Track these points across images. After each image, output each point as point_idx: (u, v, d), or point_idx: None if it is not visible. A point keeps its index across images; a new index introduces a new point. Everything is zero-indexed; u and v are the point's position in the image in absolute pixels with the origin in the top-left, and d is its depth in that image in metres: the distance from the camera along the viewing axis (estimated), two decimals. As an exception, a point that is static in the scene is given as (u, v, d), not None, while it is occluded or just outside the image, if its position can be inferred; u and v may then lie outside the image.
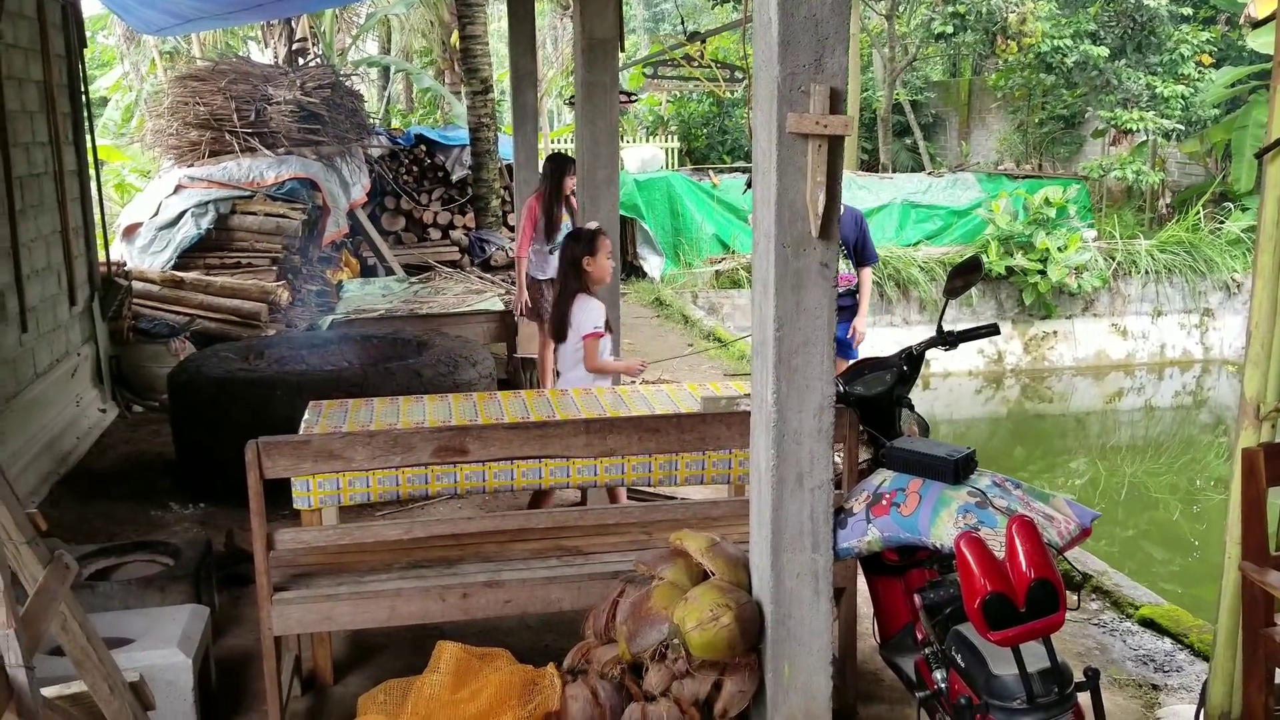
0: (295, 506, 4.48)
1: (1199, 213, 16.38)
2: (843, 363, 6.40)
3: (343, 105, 14.31)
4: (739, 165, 19.22)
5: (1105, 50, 17.15)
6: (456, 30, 16.77)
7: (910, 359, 4.23)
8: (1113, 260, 15.50)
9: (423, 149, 15.47)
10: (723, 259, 15.94)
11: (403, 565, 4.24)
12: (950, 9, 18.29)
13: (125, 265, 11.13)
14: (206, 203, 12.30)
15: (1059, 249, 15.00)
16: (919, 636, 3.58)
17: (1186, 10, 17.48)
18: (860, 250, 7.49)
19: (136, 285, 10.62)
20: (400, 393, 6.08)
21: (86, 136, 9.21)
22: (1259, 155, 3.64)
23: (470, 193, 15.07)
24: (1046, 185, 16.12)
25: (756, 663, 3.48)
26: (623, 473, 4.70)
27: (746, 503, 3.64)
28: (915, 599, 3.39)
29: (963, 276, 4.31)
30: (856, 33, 19.60)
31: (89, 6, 13.21)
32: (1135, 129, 16.77)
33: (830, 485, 3.37)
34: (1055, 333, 15.63)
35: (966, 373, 15.39)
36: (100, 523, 6.62)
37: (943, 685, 3.30)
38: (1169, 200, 17.96)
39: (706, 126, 22.22)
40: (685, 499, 5.98)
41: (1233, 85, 16.93)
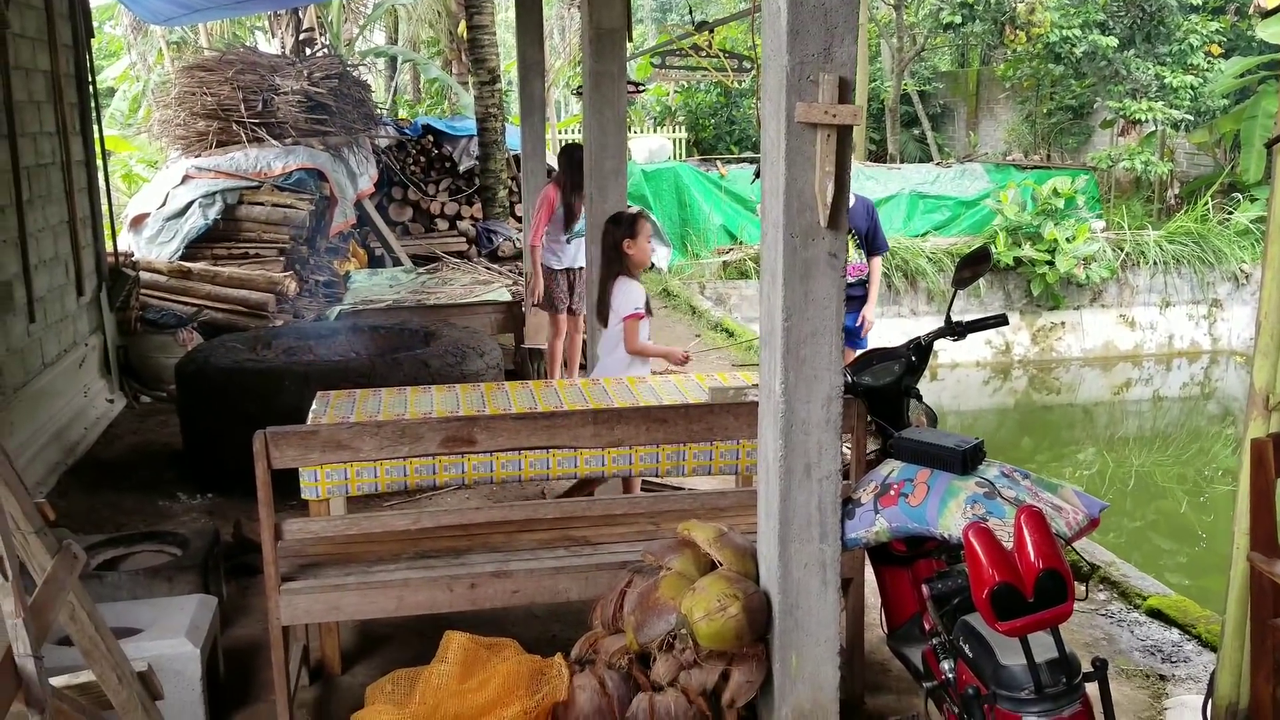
0: (303, 497, 4.48)
1: (1208, 203, 16.34)
2: (851, 352, 6.39)
3: (350, 95, 14.30)
4: (747, 156, 19.20)
5: (1114, 40, 17.09)
6: (464, 20, 16.77)
7: (918, 349, 4.22)
8: (1121, 251, 15.46)
9: (430, 139, 15.46)
10: (730, 249, 15.93)
11: (410, 555, 4.25)
12: (959, -1, 18.29)
13: (133, 256, 11.15)
14: (214, 193, 12.31)
15: (1067, 240, 14.96)
16: (926, 627, 3.58)
17: (1195, 0, 17.42)
18: (871, 239, 7.49)
19: (144, 276, 10.64)
20: (408, 383, 6.09)
21: (94, 127, 9.21)
22: (1268, 145, 3.63)
23: (477, 183, 15.06)
24: (1055, 176, 16.07)
25: (764, 653, 3.48)
26: (630, 463, 4.69)
27: (754, 493, 3.64)
28: (923, 589, 3.39)
29: (971, 267, 4.30)
30: (865, 23, 19.59)
31: (96, -3, 13.21)
32: (1144, 119, 16.73)
33: (838, 476, 3.36)
34: (1063, 323, 15.60)
35: (974, 363, 15.37)
36: (108, 513, 6.63)
37: (950, 676, 3.29)
38: (1177, 191, 17.91)
39: (714, 117, 22.20)
40: (693, 489, 5.99)
41: (1242, 75, 16.88)
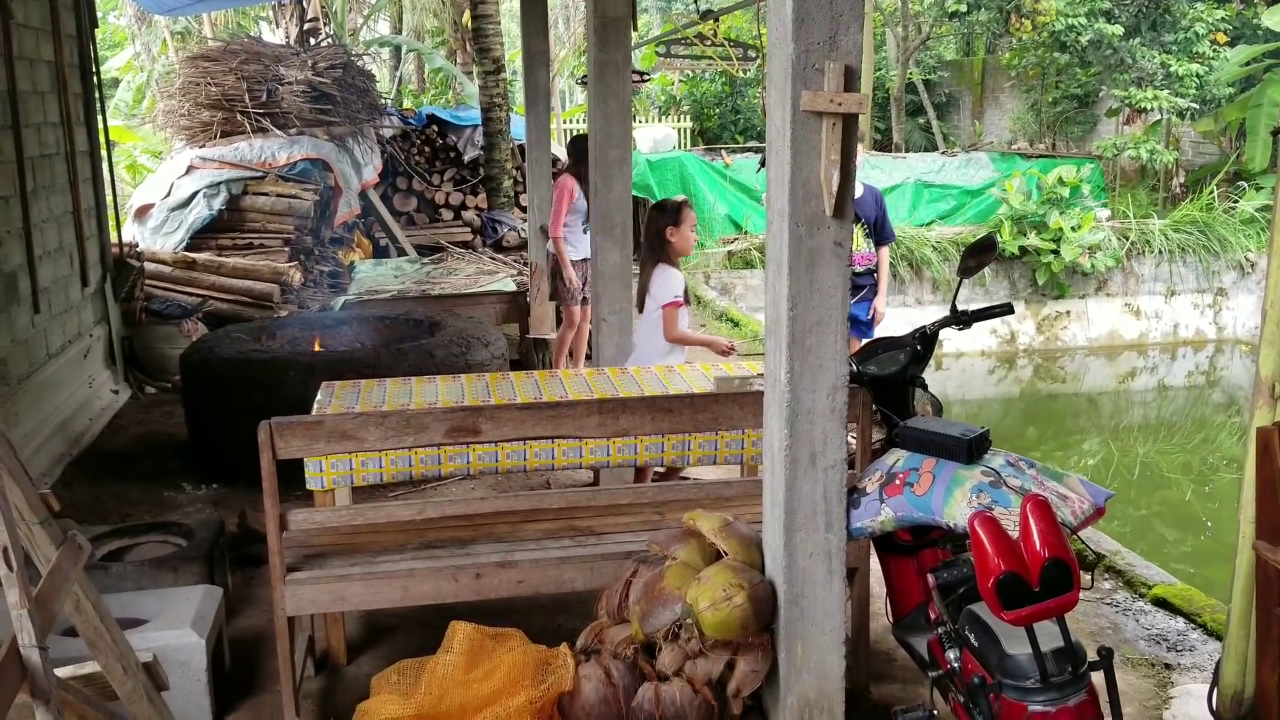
0: (308, 487, 4.48)
1: (1213, 192, 16.27)
2: (857, 342, 6.39)
3: (354, 85, 14.29)
4: (752, 145, 19.15)
5: (1120, 29, 17.03)
6: (468, 10, 16.74)
7: (924, 339, 4.22)
8: (1126, 240, 15.41)
9: (435, 129, 15.45)
10: (735, 239, 15.90)
11: (416, 546, 4.25)
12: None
13: (137, 246, 11.14)
14: (218, 183, 12.31)
15: (1072, 229, 14.92)
16: (932, 616, 3.58)
17: (1201, -12, 17.40)
18: (879, 229, 7.48)
19: (149, 266, 10.64)
20: (413, 373, 6.09)
21: (98, 117, 9.21)
22: (1274, 134, 3.63)
23: (482, 173, 15.05)
24: (1060, 164, 16.02)
25: (769, 643, 3.48)
26: (636, 453, 4.70)
27: (759, 483, 3.63)
28: (928, 578, 3.38)
29: (976, 256, 4.29)
30: (870, 11, 19.52)
31: (100, -13, 13.20)
32: (1149, 108, 16.67)
33: (843, 465, 3.36)
34: (1068, 312, 15.57)
35: (979, 353, 15.35)
36: (113, 504, 6.64)
37: (956, 665, 3.29)
38: (1183, 179, 17.84)
39: (719, 106, 22.15)
40: (698, 479, 5.99)
41: (1248, 64, 16.81)
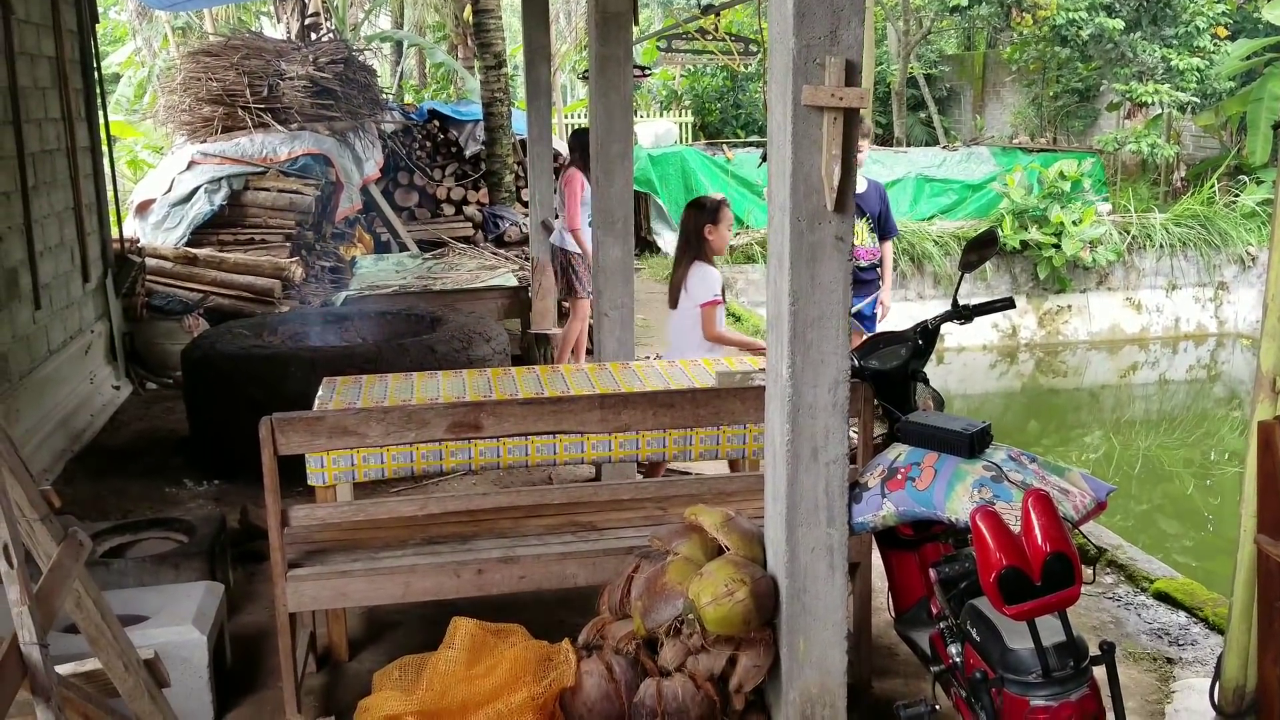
0: (310, 483, 4.49)
1: (1214, 186, 16.27)
2: (860, 336, 6.39)
3: (356, 80, 14.28)
4: (753, 140, 19.15)
5: (1120, 23, 17.01)
6: (470, 5, 16.71)
7: (925, 333, 4.21)
8: (1127, 234, 15.41)
9: (436, 124, 15.44)
10: (737, 234, 15.89)
11: (417, 541, 4.25)
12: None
13: (138, 242, 11.14)
14: (219, 179, 12.31)
15: (1073, 223, 14.92)
16: (934, 611, 3.58)
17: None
18: (883, 224, 7.47)
19: (150, 262, 10.64)
20: (414, 369, 6.08)
21: (99, 112, 9.20)
22: (1275, 128, 3.62)
23: (484, 168, 15.04)
24: (1061, 159, 16.01)
25: (771, 638, 3.48)
26: (637, 448, 4.70)
27: (761, 478, 3.63)
28: (930, 573, 3.39)
29: (978, 250, 4.29)
30: (871, 6, 19.49)
31: (100, -17, 13.17)
32: (1150, 102, 16.66)
33: (845, 460, 3.35)
34: (1070, 307, 15.56)
35: (981, 347, 15.34)
36: (114, 500, 6.64)
37: (958, 659, 3.29)
38: (1184, 173, 17.83)
39: (720, 101, 22.14)
40: (700, 474, 5.99)
41: (1248, 58, 16.79)
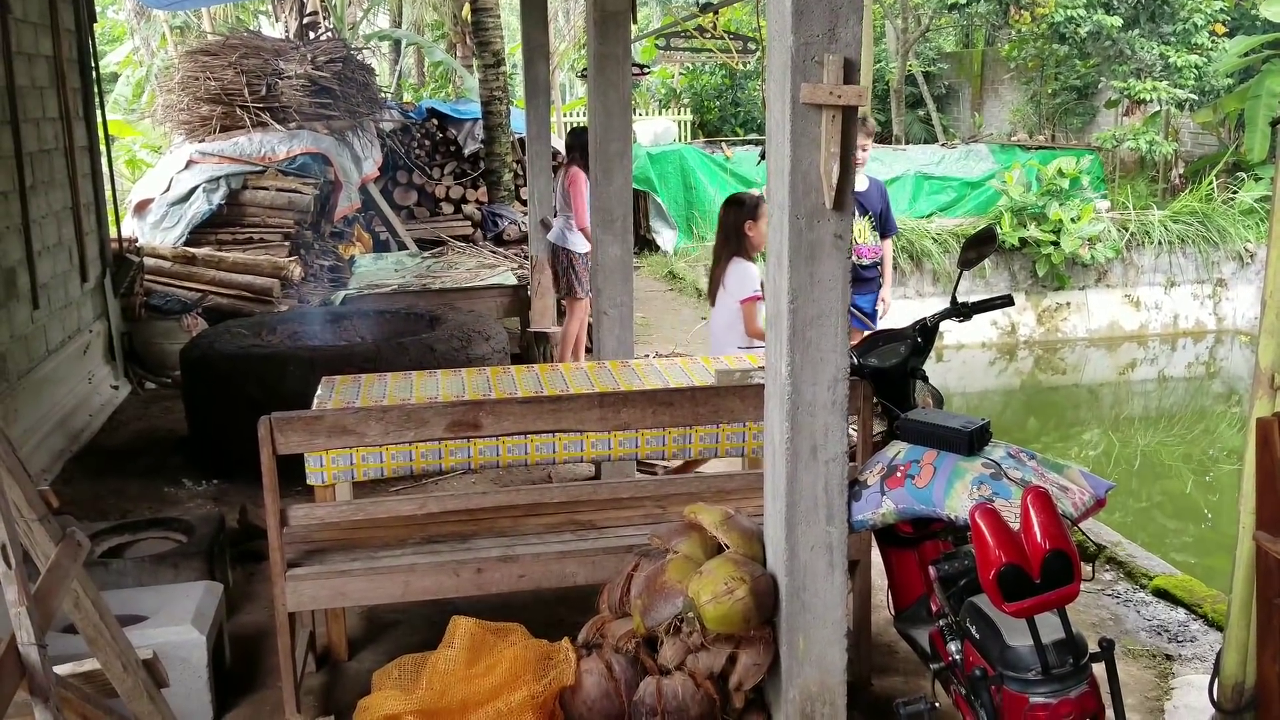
0: (309, 482, 4.47)
1: (1212, 183, 16.27)
2: (859, 333, 6.39)
3: (354, 79, 14.28)
4: (752, 138, 19.16)
5: (1118, 20, 17.03)
6: (468, 3, 16.71)
7: (924, 330, 4.21)
8: (1126, 231, 15.41)
9: (435, 123, 15.43)
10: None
11: (417, 540, 4.25)
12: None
13: (137, 241, 11.14)
14: (218, 178, 12.31)
15: (1072, 220, 14.92)
16: (933, 608, 3.58)
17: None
18: (884, 221, 7.48)
19: (148, 261, 10.64)
20: (413, 368, 6.08)
21: (97, 112, 9.20)
22: (1273, 124, 3.62)
23: (482, 167, 15.04)
24: (1060, 156, 16.02)
25: (771, 636, 3.48)
26: (636, 446, 4.69)
27: (761, 476, 3.63)
28: (930, 571, 3.39)
29: (977, 248, 4.29)
30: (869, 3, 19.48)
31: (98, -18, 13.17)
32: (1148, 99, 16.67)
33: (845, 458, 3.35)
34: (1068, 304, 15.57)
35: (980, 344, 15.34)
36: (113, 500, 6.64)
37: (957, 657, 3.29)
38: (1182, 170, 17.85)
39: (719, 99, 22.15)
40: (699, 472, 5.98)
41: (1246, 54, 16.80)
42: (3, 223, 7.02)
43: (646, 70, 20.76)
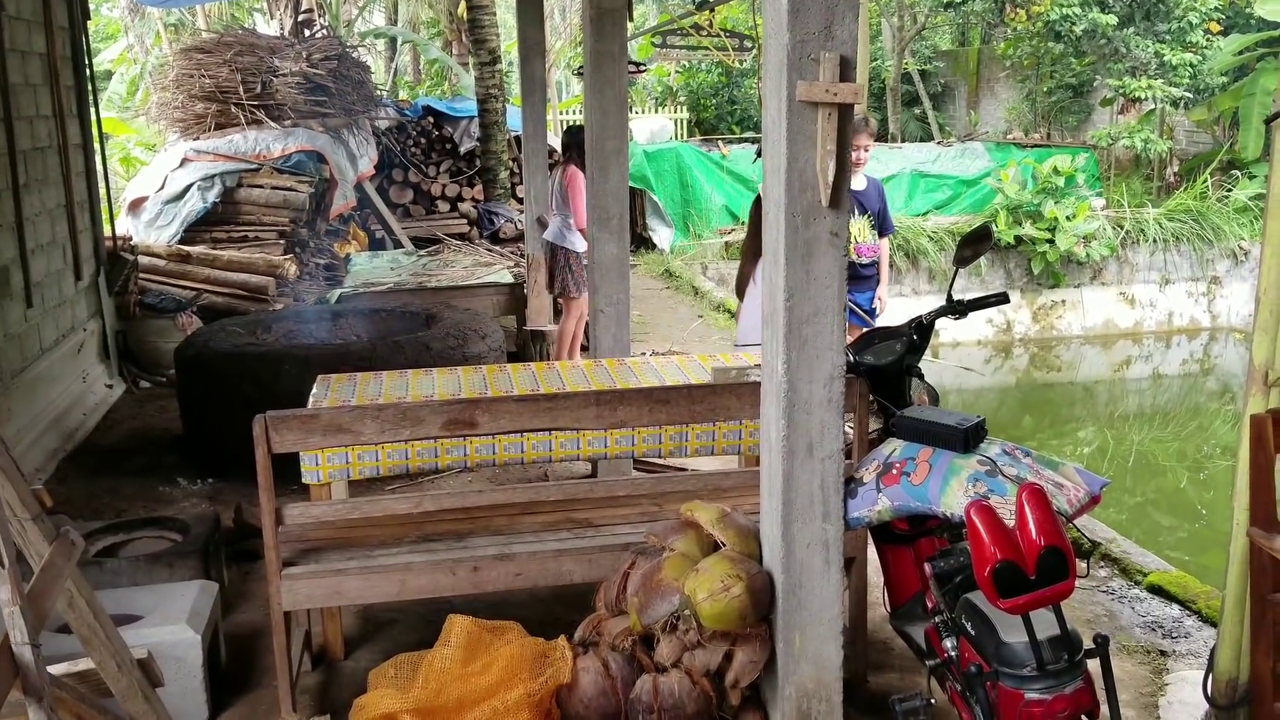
0: (304, 481, 4.47)
1: (1207, 181, 16.31)
2: (856, 330, 6.40)
3: (349, 77, 14.26)
4: (748, 136, 19.16)
5: (1113, 18, 17.05)
6: (464, 1, 16.70)
7: (920, 328, 4.21)
8: (1121, 229, 15.44)
9: (430, 121, 15.41)
10: (732, 230, 15.90)
11: (413, 539, 4.24)
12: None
13: (131, 240, 11.12)
14: (213, 176, 12.29)
15: (1067, 218, 14.95)
16: (929, 605, 3.58)
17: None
18: (881, 220, 7.49)
19: (143, 260, 10.61)
20: (409, 366, 6.08)
21: (91, 110, 9.19)
22: (1267, 122, 3.62)
23: (478, 165, 15.02)
24: (1055, 154, 16.05)
25: (767, 633, 3.48)
26: (633, 444, 4.69)
27: (757, 473, 3.63)
28: (925, 568, 3.39)
29: (972, 246, 4.29)
30: (865, 1, 19.50)
31: (92, -20, 13.14)
32: (1143, 97, 16.70)
33: (841, 455, 3.35)
34: (1064, 301, 15.59)
35: (975, 342, 15.36)
36: (108, 499, 6.63)
37: (953, 653, 3.30)
38: (1177, 168, 17.89)
39: (715, 97, 22.14)
40: (696, 470, 5.99)
41: (1241, 53, 16.82)
42: (-3, 221, 7.02)
43: (643, 68, 20.77)
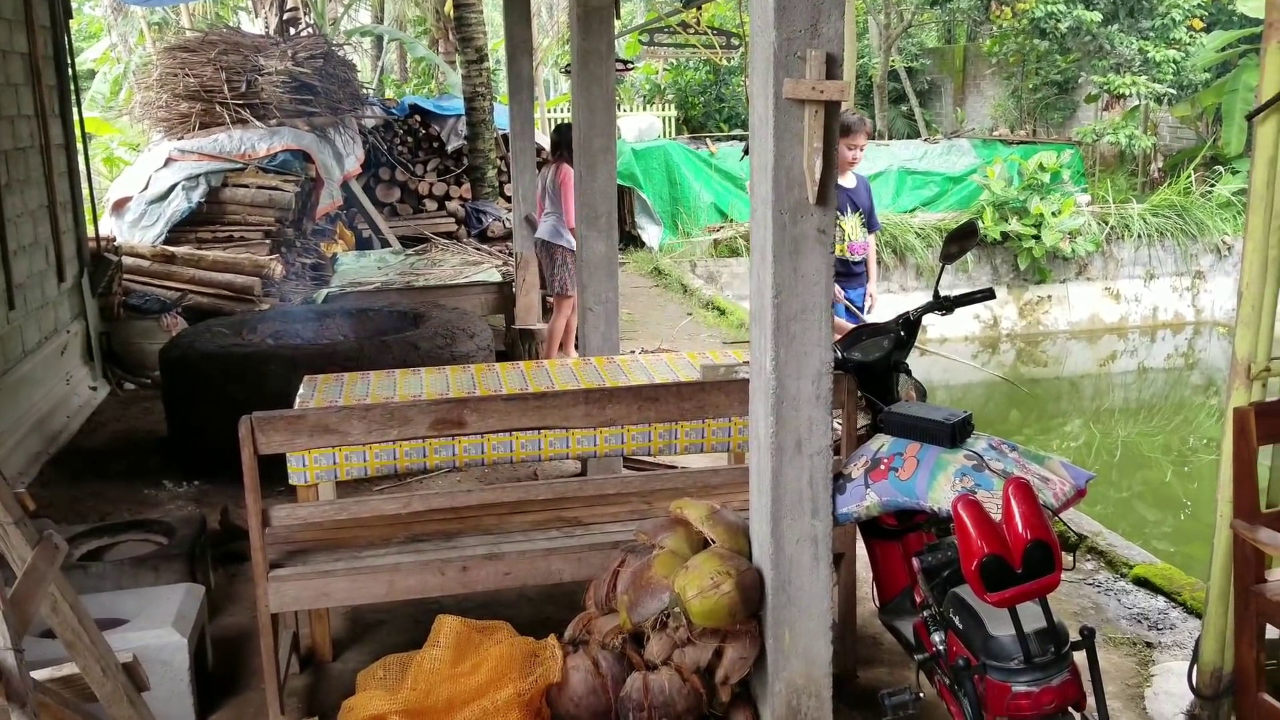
0: (291, 482, 4.46)
1: (1190, 176, 16.39)
2: (845, 325, 6.41)
3: (335, 75, 14.23)
4: (736, 133, 19.17)
5: (1098, 15, 17.11)
6: (449, -1, 16.68)
7: (907, 324, 4.22)
8: (1106, 224, 15.50)
9: (417, 119, 15.39)
10: (721, 227, 15.91)
11: (401, 539, 4.23)
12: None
13: (115, 240, 11.08)
14: (197, 176, 12.25)
15: (1053, 214, 15.01)
16: (917, 599, 3.59)
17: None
18: (869, 217, 7.51)
19: (127, 260, 10.58)
20: (397, 366, 6.07)
21: (73, 109, 9.15)
22: (1249, 118, 3.63)
23: (466, 163, 15.01)
24: (1040, 150, 16.09)
25: (757, 629, 3.48)
26: (622, 442, 4.70)
27: (746, 470, 3.63)
28: (913, 562, 3.40)
29: (959, 242, 4.29)
30: (850, -1, 19.52)
31: (75, -20, 13.09)
32: (1128, 94, 16.77)
33: (829, 451, 3.36)
34: (1050, 297, 15.65)
35: (962, 338, 15.39)
36: (92, 502, 6.60)
37: (941, 647, 3.31)
38: (1161, 164, 17.96)
39: (703, 95, 22.15)
40: (685, 467, 5.99)
41: (1223, 49, 16.90)
42: (-21, 222, 6.99)
43: (630, 66, 20.75)
